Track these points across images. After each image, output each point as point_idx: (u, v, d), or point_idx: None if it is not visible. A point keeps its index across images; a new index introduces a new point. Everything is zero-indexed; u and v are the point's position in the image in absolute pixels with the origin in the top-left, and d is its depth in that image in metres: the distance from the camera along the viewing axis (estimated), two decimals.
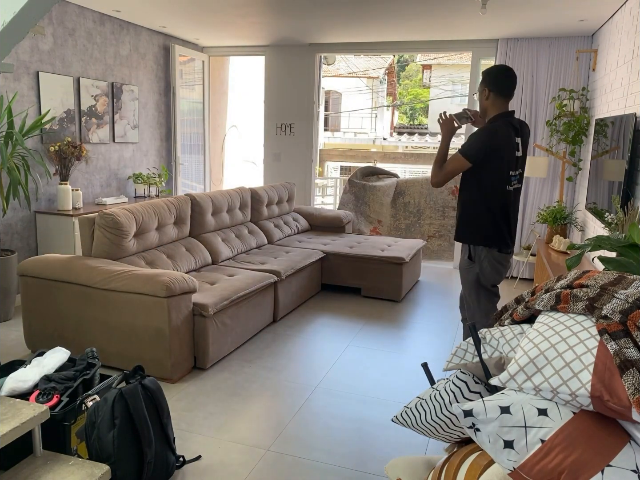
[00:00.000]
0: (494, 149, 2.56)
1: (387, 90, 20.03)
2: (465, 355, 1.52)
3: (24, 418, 1.90)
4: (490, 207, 2.64)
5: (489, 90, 2.65)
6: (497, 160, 2.59)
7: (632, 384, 1.07)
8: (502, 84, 2.64)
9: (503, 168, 2.61)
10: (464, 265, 2.74)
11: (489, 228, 2.65)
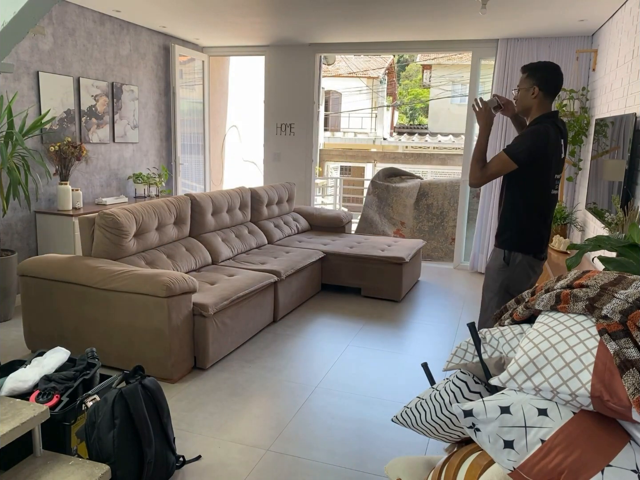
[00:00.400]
0: (543, 152, 2.43)
1: (387, 90, 20.03)
2: (465, 355, 1.52)
3: (24, 418, 1.90)
4: (533, 211, 2.52)
5: (539, 88, 2.46)
6: (545, 163, 2.46)
7: (632, 384, 1.07)
8: (553, 82, 2.49)
9: (550, 171, 2.50)
10: (496, 268, 2.60)
11: (530, 234, 2.55)
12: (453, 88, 18.09)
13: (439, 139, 15.82)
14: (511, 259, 2.55)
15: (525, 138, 2.45)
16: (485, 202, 5.83)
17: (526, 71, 2.52)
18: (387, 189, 7.14)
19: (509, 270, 2.56)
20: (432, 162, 13.74)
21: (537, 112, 2.50)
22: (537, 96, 2.47)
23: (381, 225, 7.02)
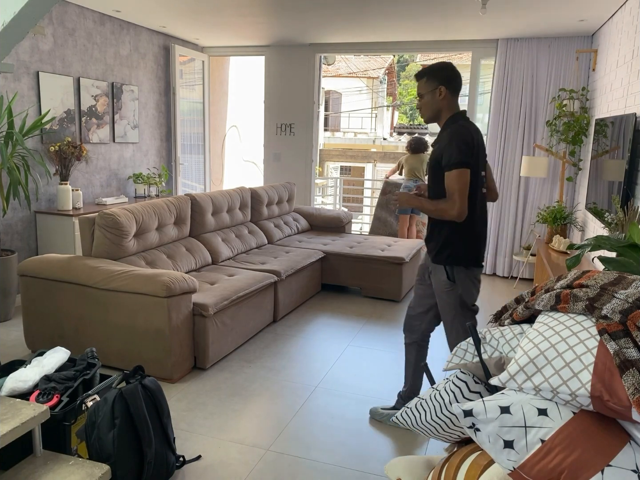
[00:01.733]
0: (473, 150, 2.31)
1: (387, 90, 20.04)
2: (465, 355, 1.52)
3: (24, 418, 1.90)
4: (471, 217, 2.35)
5: (445, 87, 2.37)
6: (475, 161, 2.34)
7: (632, 384, 1.07)
8: (456, 80, 2.41)
9: (479, 170, 2.38)
10: (444, 288, 2.44)
11: (471, 243, 2.41)
12: None
13: None
14: (455, 274, 2.42)
15: (455, 142, 2.30)
16: None
17: (423, 76, 2.43)
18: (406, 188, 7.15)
19: (457, 286, 2.44)
20: None
21: (449, 112, 2.41)
22: (444, 96, 2.39)
23: (396, 225, 7.01)
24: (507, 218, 5.73)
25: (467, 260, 2.41)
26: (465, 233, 2.38)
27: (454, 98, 2.41)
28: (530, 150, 5.53)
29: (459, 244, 2.38)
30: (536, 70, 5.41)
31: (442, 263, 2.42)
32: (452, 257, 2.40)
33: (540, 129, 5.49)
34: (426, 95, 2.42)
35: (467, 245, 2.39)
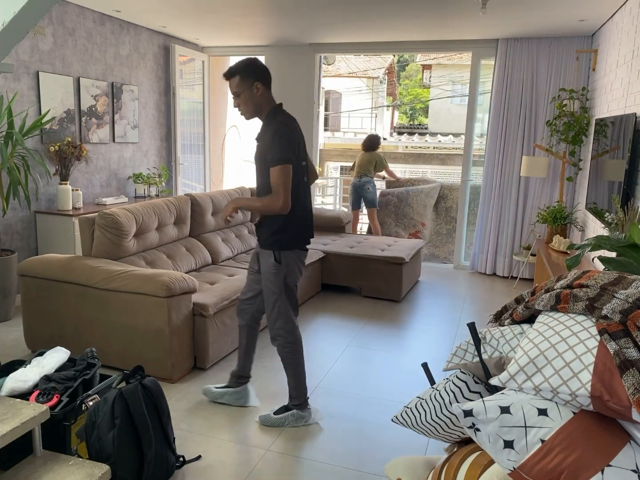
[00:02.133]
0: (294, 142, 2.42)
1: (387, 90, 20.04)
2: (465, 355, 1.52)
3: (24, 418, 1.90)
4: (297, 205, 2.49)
5: (261, 83, 2.45)
6: (296, 153, 2.45)
7: (632, 384, 1.07)
8: (269, 75, 2.50)
9: (300, 159, 2.50)
10: (271, 269, 2.55)
11: (296, 229, 2.54)
12: (453, 88, 18.09)
13: (439, 139, 15.83)
14: (282, 257, 2.54)
15: (277, 139, 2.38)
16: (485, 202, 5.84)
17: (235, 74, 2.45)
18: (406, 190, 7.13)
19: (282, 268, 2.55)
20: (432, 162, 13.74)
21: (268, 106, 2.50)
22: (262, 92, 2.46)
23: (394, 227, 7.00)
24: (507, 218, 5.73)
25: (293, 244, 2.56)
26: (292, 221, 2.52)
27: (268, 92, 2.50)
28: (530, 150, 5.53)
29: (287, 230, 2.52)
30: (536, 70, 5.41)
31: (271, 248, 2.56)
32: (280, 242, 2.54)
33: (540, 129, 5.49)
34: (244, 93, 2.46)
35: (294, 231, 2.55)
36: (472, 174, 6.08)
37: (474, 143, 6.01)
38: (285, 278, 2.58)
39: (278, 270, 2.55)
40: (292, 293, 2.65)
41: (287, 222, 2.50)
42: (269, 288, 2.60)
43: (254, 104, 2.48)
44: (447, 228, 6.93)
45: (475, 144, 6.96)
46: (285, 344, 2.64)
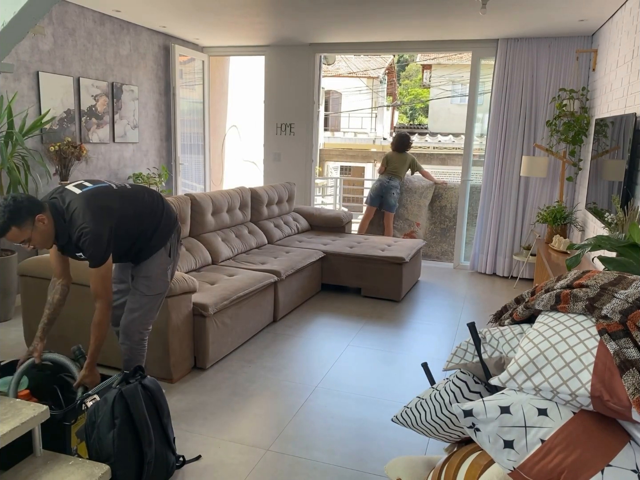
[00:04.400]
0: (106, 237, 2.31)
1: (387, 90, 20.04)
2: (465, 355, 1.52)
3: (24, 418, 1.90)
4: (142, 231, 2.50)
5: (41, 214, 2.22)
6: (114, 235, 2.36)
7: (632, 384, 1.07)
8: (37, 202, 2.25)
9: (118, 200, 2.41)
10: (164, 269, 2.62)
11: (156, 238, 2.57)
12: (453, 88, 18.10)
13: (439, 139, 15.83)
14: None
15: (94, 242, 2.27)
16: (485, 202, 5.84)
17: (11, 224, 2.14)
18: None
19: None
20: (432, 162, 13.74)
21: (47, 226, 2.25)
22: (47, 222, 2.24)
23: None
24: (507, 218, 5.73)
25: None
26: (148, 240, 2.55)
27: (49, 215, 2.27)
28: (530, 150, 5.53)
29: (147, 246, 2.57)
30: (536, 70, 5.41)
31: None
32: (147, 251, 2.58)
33: (540, 129, 5.49)
34: (36, 235, 2.23)
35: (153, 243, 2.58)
36: (472, 174, 6.08)
37: (474, 143, 6.01)
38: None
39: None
40: None
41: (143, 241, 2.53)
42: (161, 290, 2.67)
43: (46, 234, 2.27)
44: (441, 227, 6.96)
45: (475, 144, 6.96)
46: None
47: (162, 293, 2.66)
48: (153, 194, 2.63)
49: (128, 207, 2.44)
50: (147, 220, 2.53)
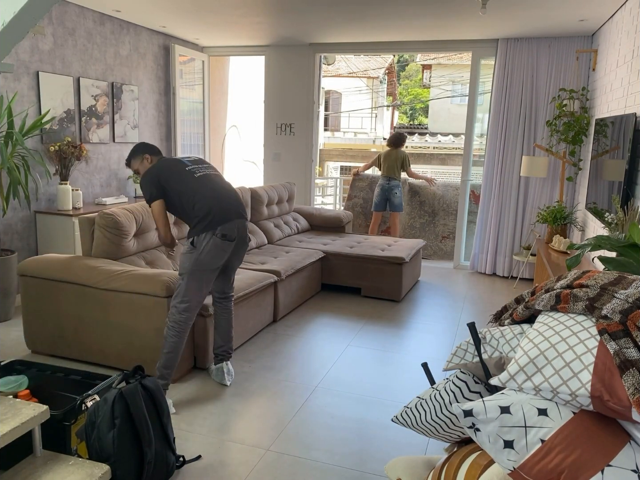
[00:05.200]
0: (162, 176, 2.85)
1: (387, 90, 20.04)
2: (465, 355, 1.52)
3: (24, 418, 1.90)
4: (196, 203, 2.82)
5: (149, 155, 3.00)
6: (170, 179, 2.86)
7: (632, 384, 1.07)
8: (154, 148, 3.04)
9: (182, 175, 2.87)
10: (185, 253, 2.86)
11: (205, 218, 2.81)
12: (453, 88, 18.09)
13: (439, 139, 15.83)
14: (197, 242, 2.80)
15: (144, 184, 2.87)
16: (485, 202, 5.84)
17: (131, 158, 3.04)
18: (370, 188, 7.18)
19: (197, 251, 2.79)
20: (432, 162, 13.74)
21: (149, 165, 2.99)
22: (151, 161, 3.00)
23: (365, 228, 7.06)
24: (507, 218, 5.73)
25: (205, 229, 2.83)
26: (197, 214, 2.84)
27: (154, 158, 3.02)
28: (530, 150, 5.53)
29: (195, 223, 2.85)
30: (536, 70, 5.41)
31: (188, 238, 2.88)
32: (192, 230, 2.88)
33: (540, 129, 5.49)
34: (140, 167, 3.02)
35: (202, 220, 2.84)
36: (472, 174, 6.08)
37: (474, 143, 6.01)
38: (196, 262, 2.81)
39: (190, 254, 2.81)
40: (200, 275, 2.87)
41: (194, 216, 2.83)
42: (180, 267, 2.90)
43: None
44: (420, 222, 7.04)
45: (475, 144, 6.97)
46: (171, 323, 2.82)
47: (183, 275, 2.81)
48: (206, 189, 2.87)
49: (175, 183, 2.86)
50: (185, 202, 2.84)
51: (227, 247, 2.85)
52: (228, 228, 2.82)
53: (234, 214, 2.88)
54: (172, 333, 2.80)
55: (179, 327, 2.80)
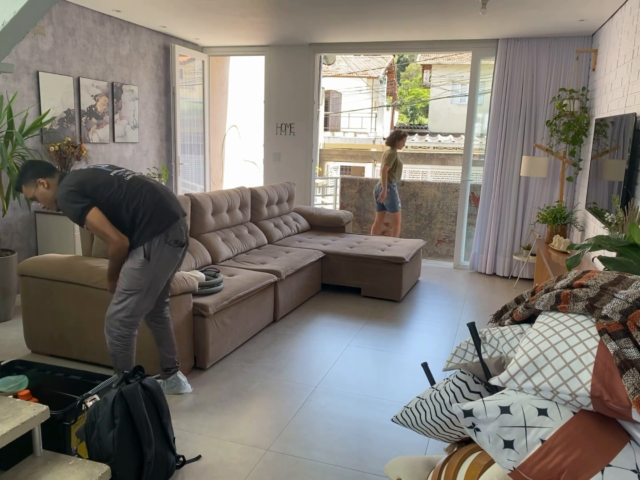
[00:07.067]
0: (90, 189, 2.53)
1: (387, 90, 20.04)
2: (465, 355, 1.52)
3: (24, 418, 1.90)
4: (137, 207, 2.58)
5: (45, 177, 2.58)
6: (96, 187, 2.54)
7: (632, 384, 1.07)
8: (46, 168, 2.60)
9: (110, 181, 2.58)
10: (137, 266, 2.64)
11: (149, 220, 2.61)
12: (453, 88, 18.10)
13: (439, 139, 15.84)
14: (151, 251, 2.59)
15: (66, 204, 2.52)
16: (485, 202, 5.84)
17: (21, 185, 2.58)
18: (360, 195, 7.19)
19: (150, 264, 2.60)
20: (432, 162, 13.75)
21: (47, 189, 2.60)
22: (49, 186, 2.59)
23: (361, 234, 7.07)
24: (507, 218, 5.73)
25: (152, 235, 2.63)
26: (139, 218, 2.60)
27: (55, 178, 2.61)
28: (530, 150, 5.53)
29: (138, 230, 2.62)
30: (536, 70, 5.41)
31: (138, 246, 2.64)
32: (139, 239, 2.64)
33: (540, 129, 5.49)
34: (38, 195, 2.61)
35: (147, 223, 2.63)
36: (472, 174, 6.08)
37: (474, 143, 6.01)
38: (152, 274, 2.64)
39: (143, 267, 2.61)
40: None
41: (141, 225, 2.58)
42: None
43: (49, 199, 2.62)
44: (416, 225, 7.04)
45: (475, 144, 6.98)
46: (116, 340, 2.65)
47: (136, 291, 2.59)
48: (144, 189, 2.62)
49: (104, 191, 2.56)
50: (122, 210, 2.56)
51: (179, 253, 2.69)
52: (178, 231, 2.66)
53: (179, 212, 2.70)
54: (121, 349, 2.64)
55: (126, 341, 2.64)
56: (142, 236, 2.57)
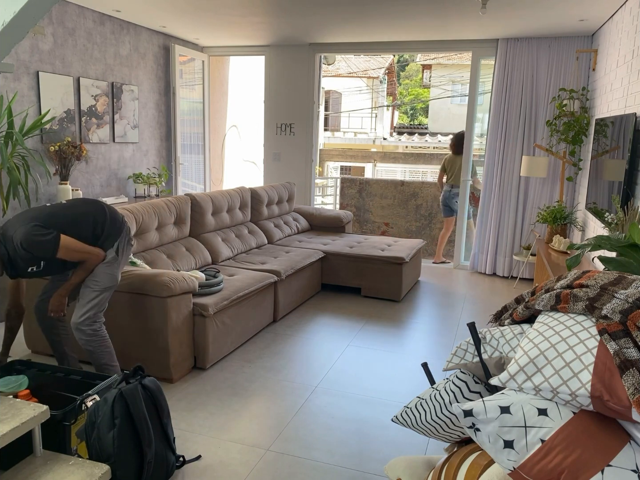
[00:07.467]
0: (46, 226, 2.50)
1: (387, 90, 20.04)
2: (465, 355, 1.52)
3: (24, 418, 1.90)
4: (94, 220, 2.66)
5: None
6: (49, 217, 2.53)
7: (632, 384, 1.07)
8: None
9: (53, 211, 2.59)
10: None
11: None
12: (453, 88, 18.10)
13: (439, 139, 15.84)
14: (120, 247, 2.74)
15: (33, 243, 2.45)
16: (485, 202, 5.84)
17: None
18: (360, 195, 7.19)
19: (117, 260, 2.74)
20: (432, 162, 13.75)
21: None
22: None
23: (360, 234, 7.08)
24: (507, 218, 5.73)
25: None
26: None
27: None
28: (530, 150, 5.53)
29: None
30: (536, 70, 5.41)
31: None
32: None
33: (540, 129, 5.49)
34: None
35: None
36: (472, 174, 6.07)
37: (474, 143, 6.01)
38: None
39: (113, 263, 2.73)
40: None
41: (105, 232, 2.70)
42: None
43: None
44: (416, 225, 7.04)
45: (475, 144, 6.97)
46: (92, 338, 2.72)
47: (110, 287, 2.74)
48: (88, 205, 2.71)
49: (57, 218, 2.57)
50: (81, 227, 2.63)
51: (130, 250, 2.86)
52: (128, 231, 2.83)
53: (119, 216, 2.83)
54: (98, 342, 2.71)
55: (99, 332, 2.72)
56: (109, 239, 2.71)
